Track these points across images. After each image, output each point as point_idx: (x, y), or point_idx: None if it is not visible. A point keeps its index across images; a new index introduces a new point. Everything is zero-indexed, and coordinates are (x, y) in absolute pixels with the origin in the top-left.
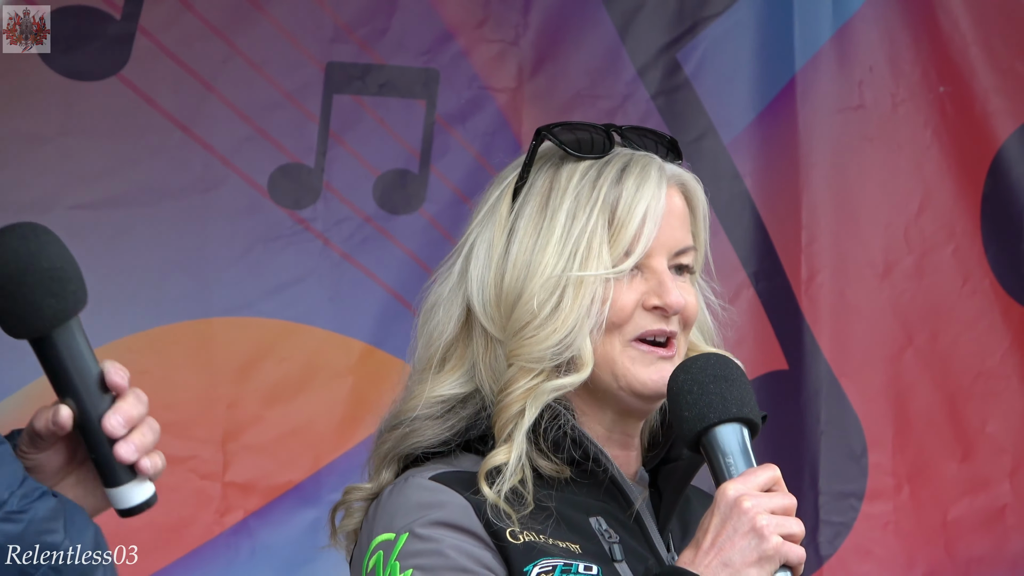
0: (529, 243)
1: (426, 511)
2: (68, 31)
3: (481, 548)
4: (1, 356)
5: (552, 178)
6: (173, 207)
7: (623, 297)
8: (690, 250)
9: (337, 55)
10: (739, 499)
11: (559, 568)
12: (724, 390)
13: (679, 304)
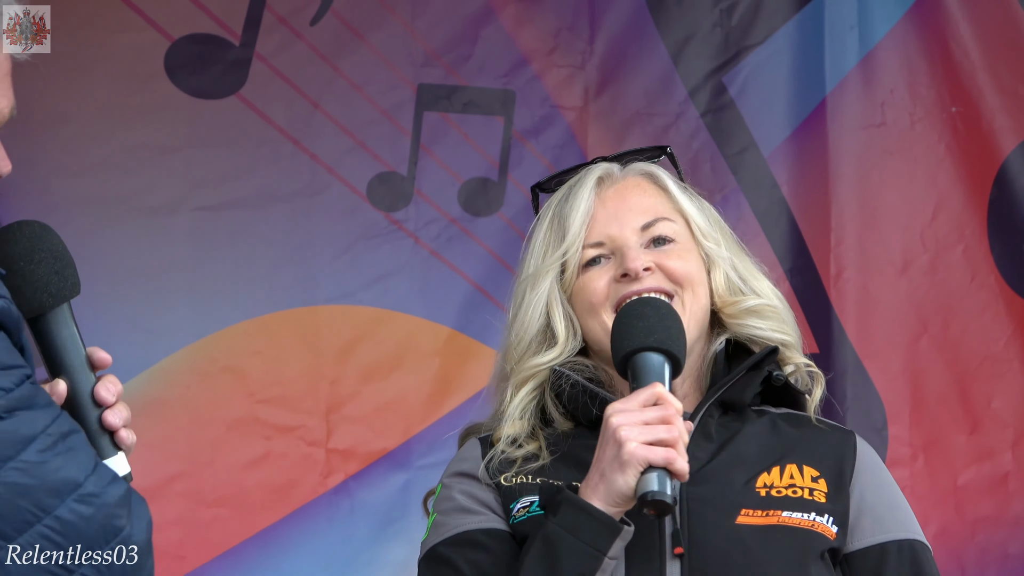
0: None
1: (455, 465)
2: (193, 55)
3: (483, 490)
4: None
5: (539, 217)
6: (284, 209)
7: (592, 282)
8: (660, 221)
9: (427, 78)
10: (609, 416)
11: (534, 504)
12: (633, 328)
13: (637, 266)
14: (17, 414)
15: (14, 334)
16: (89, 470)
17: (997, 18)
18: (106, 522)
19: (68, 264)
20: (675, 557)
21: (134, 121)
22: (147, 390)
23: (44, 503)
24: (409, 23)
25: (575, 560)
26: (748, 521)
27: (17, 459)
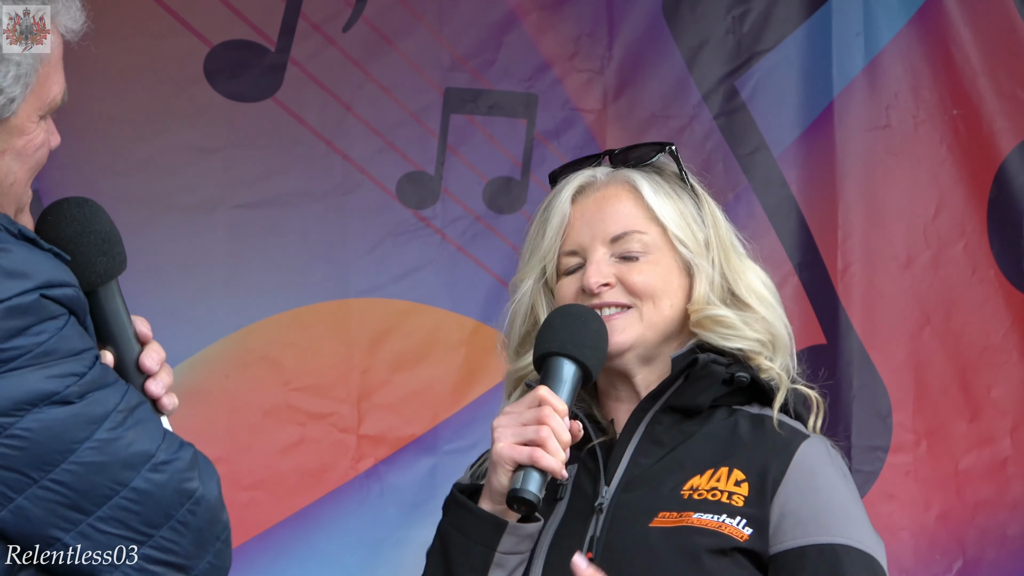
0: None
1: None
2: (231, 61)
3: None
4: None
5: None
6: (317, 207)
7: (563, 291)
8: (631, 235)
9: (453, 82)
10: (496, 419)
11: None
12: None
13: (593, 282)
14: (89, 396)
15: (82, 318)
16: (159, 439)
17: (997, 25)
18: (179, 486)
19: (116, 243)
20: (585, 559)
21: (175, 123)
22: (187, 379)
23: (120, 477)
24: (437, 30)
25: (464, 556)
26: (661, 523)
27: (92, 439)
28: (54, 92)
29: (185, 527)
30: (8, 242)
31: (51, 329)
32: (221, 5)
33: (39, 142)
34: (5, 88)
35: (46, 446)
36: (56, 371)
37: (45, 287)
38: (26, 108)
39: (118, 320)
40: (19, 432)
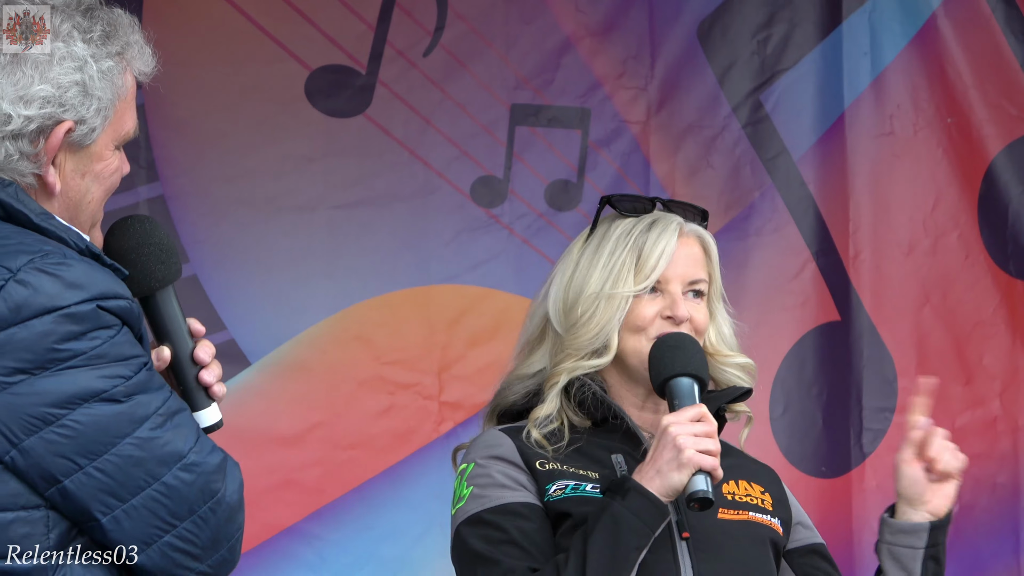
0: (584, 271)
1: (487, 449)
2: (328, 82)
3: (518, 472)
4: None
5: (606, 229)
6: (403, 207)
7: (643, 309)
8: (702, 281)
9: (518, 98)
10: (667, 426)
11: (570, 486)
12: (675, 355)
13: (684, 315)
14: (135, 397)
15: (135, 327)
16: (192, 443)
17: (985, 46)
18: (205, 486)
19: (172, 253)
20: (682, 540)
21: (280, 136)
22: (292, 354)
23: (154, 472)
24: (504, 54)
25: (634, 536)
26: (726, 517)
27: (133, 436)
28: (128, 126)
29: (205, 523)
30: (72, 258)
31: (104, 336)
32: (319, 35)
33: (113, 168)
34: (88, 119)
35: (92, 438)
36: (106, 372)
37: (101, 298)
38: (104, 138)
39: (174, 320)
40: (70, 423)
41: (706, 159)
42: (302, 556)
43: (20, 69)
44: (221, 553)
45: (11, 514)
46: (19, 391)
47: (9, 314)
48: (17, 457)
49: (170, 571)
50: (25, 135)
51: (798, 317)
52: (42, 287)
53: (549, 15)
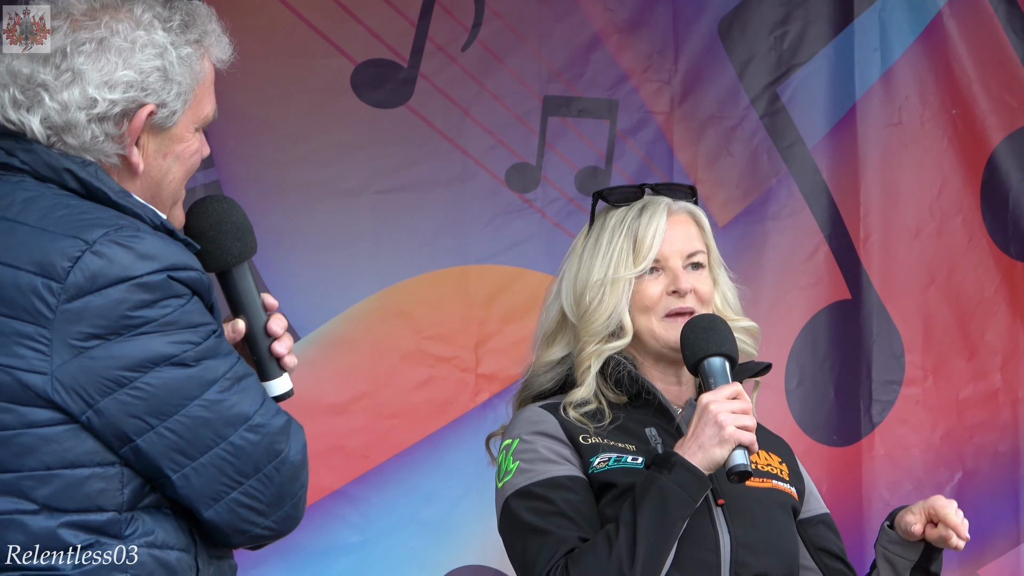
0: (587, 262)
1: (532, 425)
2: (373, 75)
3: (562, 447)
4: (320, 292)
5: (603, 222)
6: (443, 192)
7: (649, 289)
8: (699, 253)
9: (551, 91)
10: (708, 404)
11: (612, 459)
12: (709, 336)
13: (687, 287)
14: (204, 362)
15: (205, 297)
16: (258, 406)
17: (988, 42)
18: (269, 446)
19: (248, 231)
20: (718, 506)
21: (328, 125)
22: (339, 330)
23: (221, 432)
24: (537, 49)
25: (680, 506)
26: (754, 484)
27: (201, 398)
28: (207, 110)
29: (270, 480)
30: (145, 231)
31: (174, 304)
32: (364, 31)
33: (193, 149)
34: (169, 103)
35: (163, 399)
36: (176, 339)
37: (172, 269)
38: (184, 121)
39: (249, 294)
40: (142, 386)
41: (726, 147)
42: (348, 517)
43: (105, 56)
44: (285, 510)
45: (88, 470)
46: (95, 355)
47: (85, 283)
48: (93, 417)
49: (236, 526)
50: (110, 118)
51: (812, 296)
52: (116, 258)
53: (579, 13)
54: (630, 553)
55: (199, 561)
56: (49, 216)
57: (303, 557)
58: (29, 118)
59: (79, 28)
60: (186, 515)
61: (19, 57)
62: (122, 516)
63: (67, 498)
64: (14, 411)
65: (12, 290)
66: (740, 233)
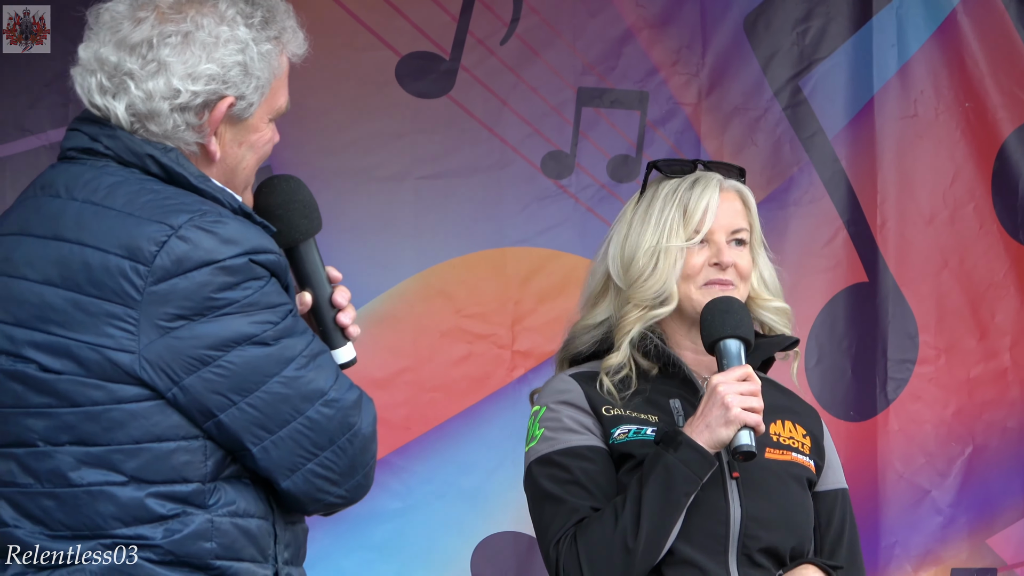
0: (638, 229)
1: (558, 395)
2: (416, 67)
3: (585, 416)
4: (365, 273)
5: (655, 191)
6: (481, 178)
7: (693, 259)
8: (743, 231)
9: (584, 83)
10: (716, 385)
11: (632, 431)
12: (726, 318)
13: (729, 261)
14: (282, 341)
15: (282, 278)
16: (332, 381)
17: (999, 39)
18: (343, 420)
19: (314, 209)
20: (732, 479)
21: (373, 114)
22: (383, 308)
23: (299, 407)
24: (571, 43)
25: (684, 483)
26: (772, 457)
27: (280, 375)
28: (281, 102)
29: (343, 452)
30: (227, 216)
31: (255, 286)
32: (408, 25)
33: (267, 139)
34: (247, 95)
35: (245, 377)
36: (257, 319)
37: (252, 253)
38: (260, 112)
39: (315, 268)
40: (224, 364)
41: (751, 137)
42: (390, 486)
43: (189, 49)
44: (357, 479)
45: (173, 444)
46: (180, 335)
47: (171, 266)
48: (178, 394)
49: (312, 495)
50: (191, 108)
51: (831, 279)
52: (200, 242)
53: (612, 9)
54: (634, 527)
55: (276, 527)
56: (135, 201)
57: (347, 522)
58: (114, 104)
59: (165, 21)
60: (264, 485)
61: (107, 44)
62: (206, 487)
63: (154, 470)
64: (104, 388)
65: (102, 273)
66: (763, 218)
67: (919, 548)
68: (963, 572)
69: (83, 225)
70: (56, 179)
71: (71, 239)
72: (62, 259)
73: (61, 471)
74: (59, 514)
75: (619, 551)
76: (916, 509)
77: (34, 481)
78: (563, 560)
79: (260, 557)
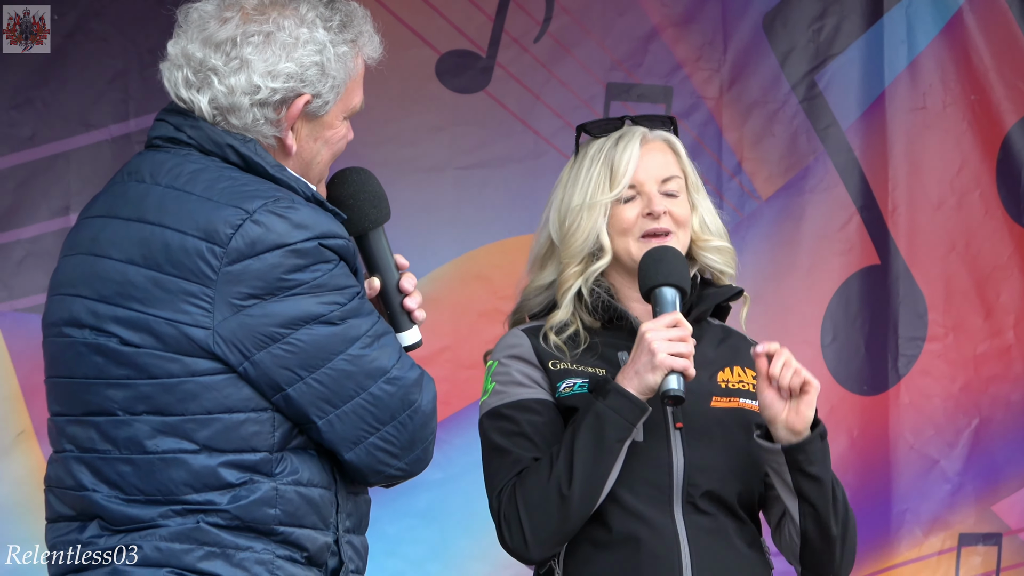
0: (569, 189)
1: (508, 349)
2: (455, 64)
3: (533, 370)
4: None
5: (584, 152)
6: (516, 168)
7: (625, 213)
8: (674, 178)
9: (613, 78)
10: (644, 332)
11: (577, 384)
12: (659, 267)
13: (660, 209)
14: (348, 321)
15: (350, 263)
16: (395, 360)
17: (1003, 35)
18: (404, 397)
19: (383, 199)
20: (676, 430)
21: (415, 109)
22: (423, 290)
23: (362, 384)
24: (601, 41)
25: (614, 430)
26: (719, 405)
27: (345, 353)
28: (355, 101)
29: (404, 427)
30: (299, 203)
31: (324, 269)
32: (448, 25)
33: (341, 135)
34: (323, 94)
35: (312, 354)
36: (325, 300)
37: (322, 237)
38: (335, 110)
39: (383, 255)
40: (294, 341)
41: (769, 129)
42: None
43: (270, 48)
44: (416, 453)
45: (243, 415)
46: (252, 313)
47: (246, 248)
48: (249, 368)
49: (373, 467)
50: (270, 104)
51: (845, 261)
52: (273, 226)
53: (639, 8)
54: (567, 474)
55: (339, 497)
56: (214, 187)
57: (393, 491)
58: (198, 97)
59: (249, 21)
60: (329, 457)
61: (194, 42)
62: (273, 456)
63: (225, 440)
64: (180, 361)
65: (180, 253)
66: (781, 205)
67: (929, 514)
68: (970, 536)
69: (165, 208)
70: (142, 165)
71: (153, 221)
72: (144, 240)
73: (138, 439)
74: (134, 479)
75: (555, 499)
76: (926, 478)
77: (112, 448)
78: (504, 510)
79: (322, 524)
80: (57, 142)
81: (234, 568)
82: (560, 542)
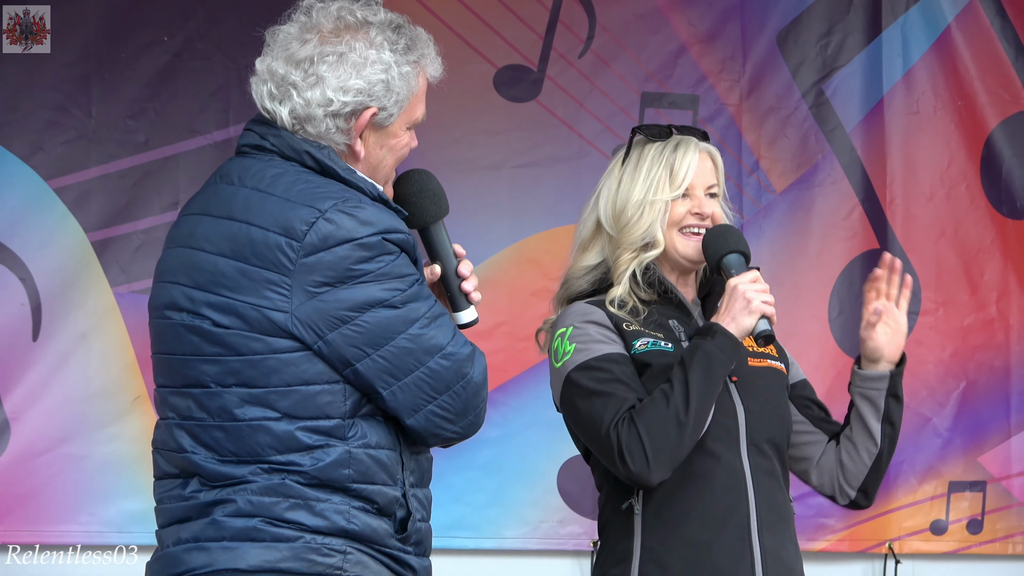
0: (627, 184)
1: (583, 316)
2: (510, 76)
3: (610, 332)
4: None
5: (640, 152)
6: (563, 167)
7: (677, 209)
8: (715, 186)
9: (647, 88)
10: (736, 285)
11: (651, 343)
12: (728, 238)
13: (709, 211)
14: (408, 305)
15: (410, 253)
16: (450, 338)
17: (986, 48)
18: (458, 370)
19: (442, 196)
20: (732, 382)
21: (475, 115)
22: (483, 273)
23: (421, 359)
24: (636, 56)
25: (722, 365)
26: (755, 364)
27: (406, 332)
28: (417, 114)
29: (458, 396)
30: (365, 202)
31: (387, 260)
32: (503, 43)
33: (404, 143)
34: (388, 107)
35: (377, 334)
36: (387, 286)
37: (385, 232)
38: (399, 121)
39: (443, 245)
40: (361, 323)
41: (783, 131)
42: (491, 417)
43: (343, 67)
44: (469, 418)
45: (318, 387)
46: (324, 299)
47: (319, 242)
48: (323, 346)
49: (431, 431)
50: (341, 115)
51: (849, 246)
52: (342, 223)
53: (669, 28)
54: (684, 404)
55: (403, 457)
56: (292, 189)
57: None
58: (280, 109)
59: (326, 42)
60: (394, 422)
61: (278, 59)
62: (345, 422)
63: (303, 408)
64: (263, 340)
65: (263, 247)
66: (793, 197)
67: (922, 465)
68: (958, 484)
69: (250, 208)
70: (231, 170)
71: (240, 219)
72: (232, 235)
73: (228, 408)
74: (227, 443)
75: (673, 425)
76: (920, 433)
77: (207, 416)
78: (624, 439)
79: (390, 481)
80: (167, 146)
81: (315, 517)
82: (675, 464)
